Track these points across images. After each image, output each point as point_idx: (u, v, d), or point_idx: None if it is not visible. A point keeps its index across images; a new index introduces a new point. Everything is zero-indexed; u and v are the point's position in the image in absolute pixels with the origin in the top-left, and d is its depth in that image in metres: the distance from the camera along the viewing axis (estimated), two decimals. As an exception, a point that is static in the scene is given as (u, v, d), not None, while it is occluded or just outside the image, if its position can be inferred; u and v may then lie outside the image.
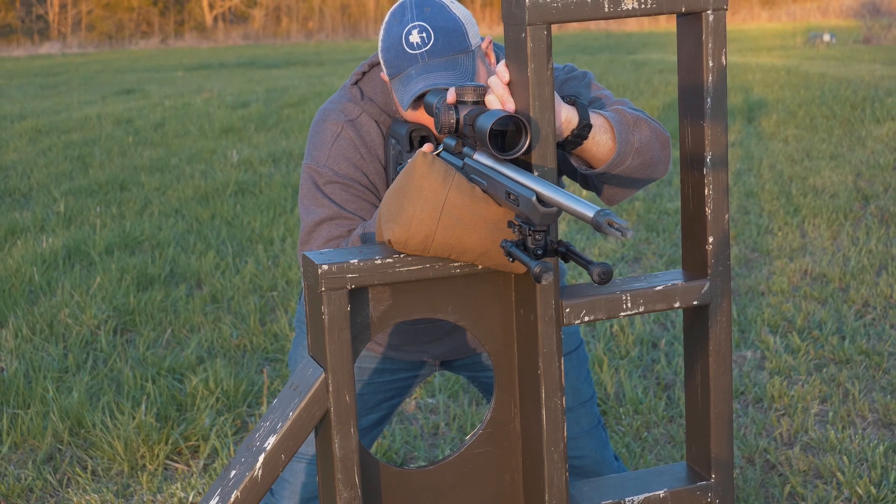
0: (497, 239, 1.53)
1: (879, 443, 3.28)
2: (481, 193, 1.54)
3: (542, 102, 1.51)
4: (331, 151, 2.02)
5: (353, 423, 1.52)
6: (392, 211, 1.54)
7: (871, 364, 3.91)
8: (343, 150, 2.01)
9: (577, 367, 2.33)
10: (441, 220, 1.52)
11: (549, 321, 1.57)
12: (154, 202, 7.24)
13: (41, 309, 4.84)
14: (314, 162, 2.02)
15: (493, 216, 1.53)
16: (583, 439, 2.32)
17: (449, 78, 1.87)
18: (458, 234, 1.52)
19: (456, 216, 1.52)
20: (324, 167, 2.01)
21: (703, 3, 1.56)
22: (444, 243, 1.53)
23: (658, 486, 1.70)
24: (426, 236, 1.52)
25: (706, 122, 1.60)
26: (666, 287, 1.63)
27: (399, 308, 1.58)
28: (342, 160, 2.01)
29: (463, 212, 1.52)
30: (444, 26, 1.90)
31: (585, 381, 2.35)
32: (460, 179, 1.54)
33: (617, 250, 5.57)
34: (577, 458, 2.31)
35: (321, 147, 2.03)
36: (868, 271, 4.96)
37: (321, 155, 2.02)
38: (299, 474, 2.20)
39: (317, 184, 2.01)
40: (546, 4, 1.49)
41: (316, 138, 2.05)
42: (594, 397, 2.38)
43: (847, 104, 9.99)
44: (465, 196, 1.53)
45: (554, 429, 1.60)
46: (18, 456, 3.49)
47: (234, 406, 3.74)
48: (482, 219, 1.53)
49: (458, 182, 1.53)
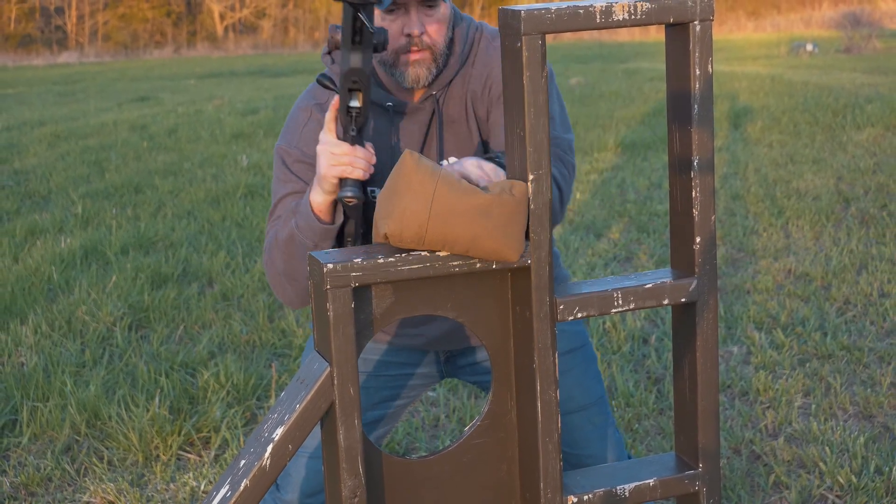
0: (485, 225, 1.53)
1: (860, 434, 3.28)
2: (467, 185, 1.55)
3: (537, 109, 1.52)
4: (301, 134, 2.07)
5: (356, 414, 1.53)
6: (385, 208, 1.54)
7: (852, 359, 3.91)
8: (312, 132, 2.05)
9: (583, 364, 2.25)
10: (432, 211, 1.52)
11: (544, 317, 1.57)
12: (167, 204, 7.24)
13: (60, 306, 4.84)
14: (286, 143, 2.08)
15: (481, 203, 1.53)
16: (595, 440, 2.25)
17: None
18: (449, 223, 1.52)
19: (446, 206, 1.52)
20: (294, 148, 2.07)
21: (690, 14, 1.56)
22: (437, 233, 1.53)
23: (648, 475, 1.70)
24: (419, 227, 1.52)
25: (693, 128, 1.60)
26: (655, 285, 1.63)
27: (401, 305, 1.58)
28: (311, 142, 2.04)
29: (452, 202, 1.52)
30: None
31: (594, 380, 2.27)
32: (447, 173, 1.55)
33: (609, 250, 5.57)
34: (589, 457, 2.23)
35: (293, 131, 2.08)
36: (849, 270, 4.96)
37: (292, 138, 2.08)
38: (301, 469, 2.19)
39: (286, 162, 2.06)
40: (540, 15, 1.49)
41: (290, 123, 2.11)
42: (604, 397, 2.29)
43: (829, 111, 9.98)
44: (453, 187, 1.53)
45: (548, 420, 1.60)
46: (38, 446, 3.49)
47: (244, 399, 3.74)
48: (470, 206, 1.53)
49: (446, 175, 1.54)
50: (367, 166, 1.89)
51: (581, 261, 5.36)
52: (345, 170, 1.88)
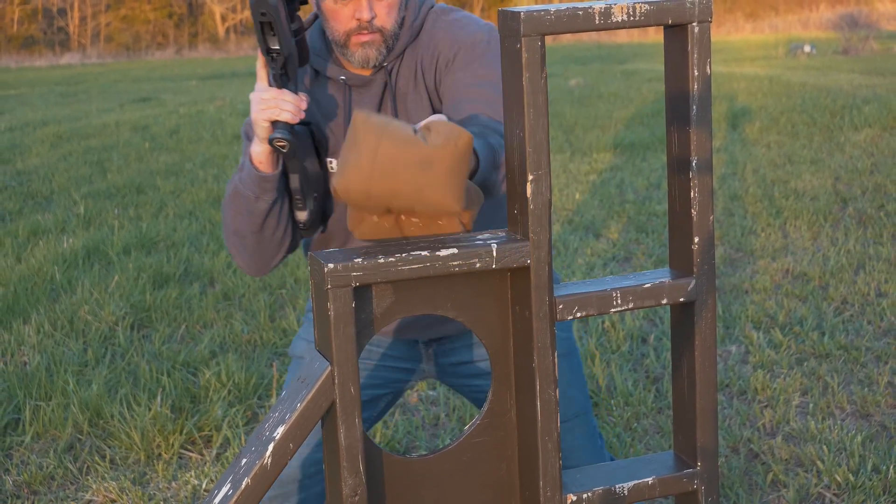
0: (429, 176, 1.51)
1: (857, 433, 3.28)
2: (413, 136, 1.52)
3: (537, 110, 1.52)
4: None
5: (357, 413, 1.53)
6: (338, 167, 1.54)
7: (850, 358, 3.91)
8: None
9: (569, 373, 2.22)
10: (376, 166, 1.50)
11: (543, 317, 1.58)
12: (169, 205, 7.24)
13: (62, 306, 4.84)
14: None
15: (425, 155, 1.51)
16: (578, 451, 2.23)
17: None
18: (392, 175, 1.51)
19: (389, 160, 1.50)
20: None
21: (688, 15, 1.56)
22: (381, 187, 1.52)
23: (647, 474, 1.70)
24: (364, 180, 1.51)
25: (692, 129, 1.60)
26: (654, 285, 1.63)
27: (401, 304, 1.58)
28: None
29: (396, 155, 1.50)
30: None
31: (580, 391, 2.25)
32: (396, 127, 1.52)
33: (608, 250, 5.57)
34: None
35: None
36: (846, 270, 4.96)
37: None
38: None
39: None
40: (540, 17, 1.49)
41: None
42: (590, 410, 2.27)
43: (826, 112, 9.99)
44: (399, 141, 1.51)
45: (548, 419, 1.60)
46: (40, 445, 3.49)
47: (245, 398, 3.74)
48: (414, 157, 1.51)
49: (393, 130, 1.52)
50: (295, 108, 1.94)
51: (580, 261, 5.37)
52: (272, 112, 1.93)
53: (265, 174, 2.01)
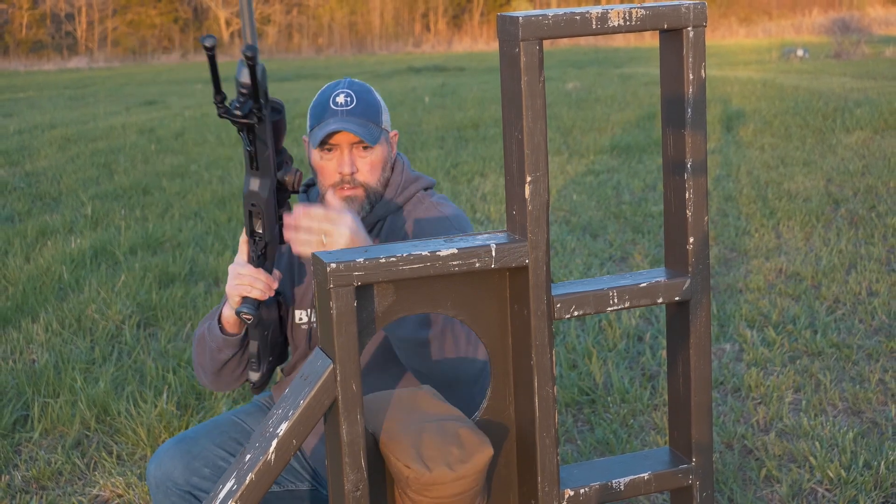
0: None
1: (849, 429, 3.28)
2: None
3: (535, 113, 1.52)
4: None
5: (359, 410, 1.53)
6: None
7: (841, 356, 3.91)
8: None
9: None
10: None
11: (541, 316, 1.58)
12: (175, 206, 7.25)
13: (70, 305, 4.84)
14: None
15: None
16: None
17: (359, 131, 2.13)
18: None
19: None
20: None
21: (683, 20, 1.56)
22: None
23: (643, 469, 1.70)
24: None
25: (687, 131, 1.60)
26: (650, 284, 1.63)
27: (402, 303, 1.58)
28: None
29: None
30: (366, 99, 2.19)
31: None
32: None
33: (605, 250, 5.57)
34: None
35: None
36: (838, 270, 4.96)
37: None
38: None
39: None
40: (538, 21, 1.49)
41: None
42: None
43: (819, 114, 9.98)
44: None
45: (546, 416, 1.60)
46: (49, 441, 3.49)
47: (249, 395, 3.74)
48: None
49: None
50: (266, 287, 2.05)
51: (577, 260, 5.36)
52: (244, 289, 2.04)
53: (229, 335, 2.18)
